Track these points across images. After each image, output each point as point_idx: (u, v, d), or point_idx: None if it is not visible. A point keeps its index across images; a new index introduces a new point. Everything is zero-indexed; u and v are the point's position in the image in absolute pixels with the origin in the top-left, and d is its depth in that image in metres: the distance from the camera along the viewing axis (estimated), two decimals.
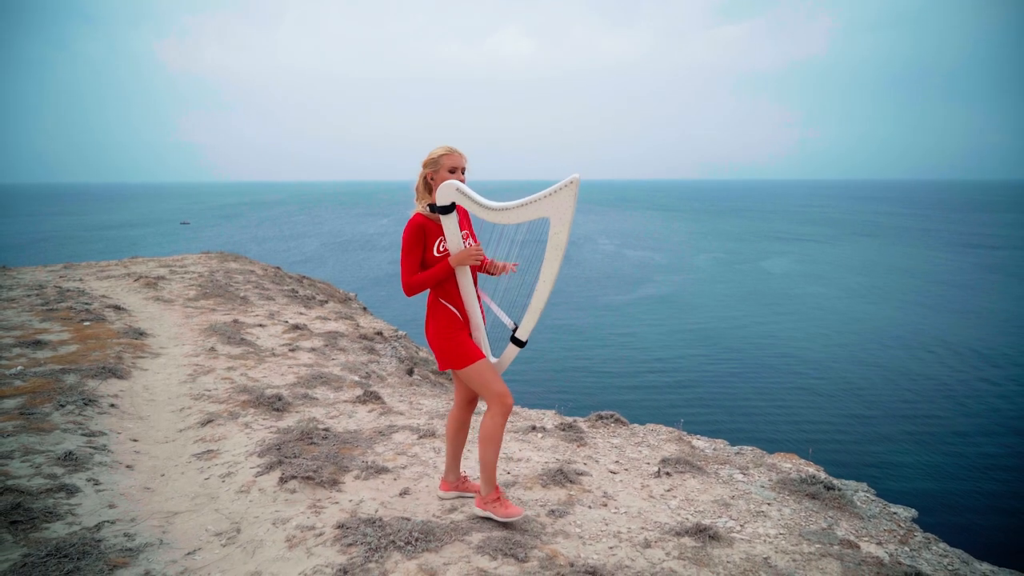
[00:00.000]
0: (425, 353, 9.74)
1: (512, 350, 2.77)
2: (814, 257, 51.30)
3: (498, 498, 2.70)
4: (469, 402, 2.87)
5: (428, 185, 2.62)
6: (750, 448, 4.27)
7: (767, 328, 26.50)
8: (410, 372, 6.47)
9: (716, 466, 3.73)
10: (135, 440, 3.70)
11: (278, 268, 12.98)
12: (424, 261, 2.61)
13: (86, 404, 4.03)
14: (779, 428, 15.60)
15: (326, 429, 3.83)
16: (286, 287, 10.46)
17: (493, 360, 2.78)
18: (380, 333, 7.54)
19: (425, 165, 2.61)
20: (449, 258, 2.57)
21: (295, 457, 3.36)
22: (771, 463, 3.92)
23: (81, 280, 9.68)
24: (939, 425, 15.56)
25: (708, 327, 26.72)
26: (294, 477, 3.06)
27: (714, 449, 4.17)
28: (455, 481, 3.00)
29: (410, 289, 2.57)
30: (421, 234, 2.57)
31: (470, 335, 2.69)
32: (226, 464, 3.36)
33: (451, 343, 2.60)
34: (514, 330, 2.74)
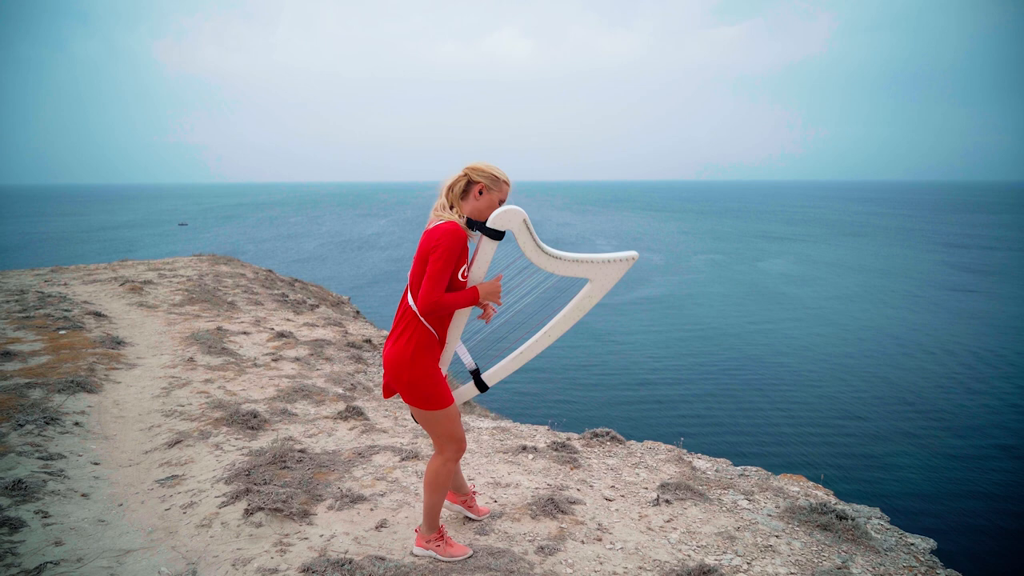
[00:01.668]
0: None
1: (469, 390, 2.53)
2: (813, 258, 51.10)
3: (441, 536, 2.49)
4: None
5: (467, 194, 2.28)
6: (754, 469, 4.03)
7: (766, 333, 26.22)
8: None
9: (719, 491, 3.49)
10: (96, 463, 3.45)
11: (270, 271, 12.72)
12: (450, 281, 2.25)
13: (47, 423, 3.78)
14: (781, 439, 15.26)
15: (302, 451, 3.58)
16: (276, 291, 10.21)
17: None
18: (369, 341, 7.29)
19: (480, 174, 2.26)
20: (479, 290, 2.26)
21: (265, 484, 3.11)
22: (777, 486, 3.68)
23: (65, 285, 9.43)
24: (951, 439, 15.21)
25: (704, 331, 26.46)
26: (261, 508, 2.81)
27: (716, 471, 3.93)
28: (463, 498, 2.82)
29: (436, 307, 2.16)
30: (463, 246, 2.21)
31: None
32: (190, 492, 3.11)
33: (431, 380, 2.28)
34: (476, 371, 2.49)
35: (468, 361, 2.48)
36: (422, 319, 2.26)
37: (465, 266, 2.27)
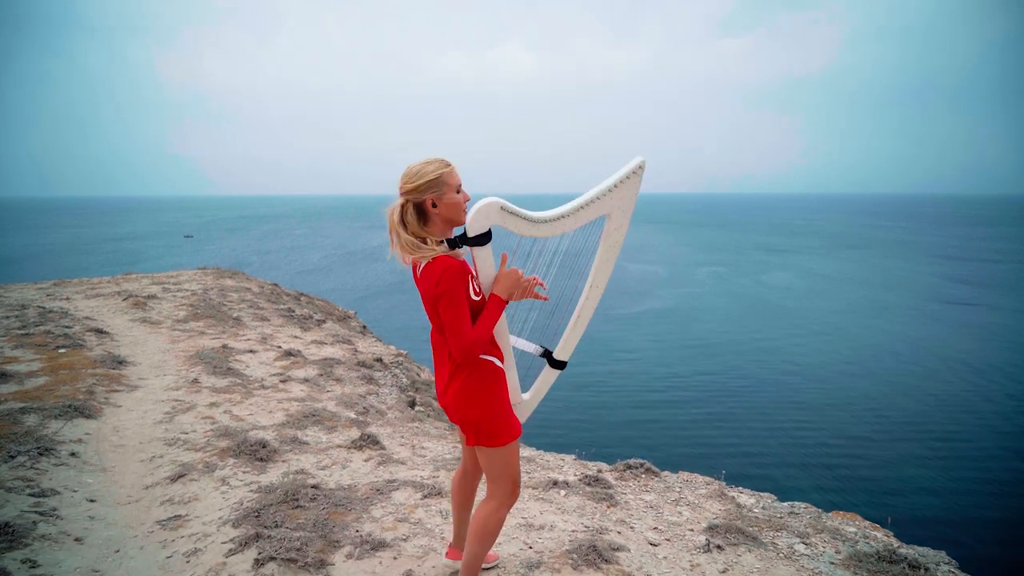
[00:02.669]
0: (428, 375, 9.20)
1: (549, 375, 2.31)
2: (822, 271, 50.69)
3: None
4: (480, 468, 2.34)
5: (424, 215, 1.98)
6: (803, 506, 3.72)
7: (773, 351, 25.70)
8: (412, 404, 5.94)
9: (771, 533, 3.18)
10: (92, 501, 3.17)
11: (275, 285, 12.49)
12: None
13: (41, 454, 3.51)
14: (816, 465, 14.71)
15: (315, 486, 3.29)
16: (282, 306, 9.96)
17: (525, 397, 2.30)
18: (380, 360, 7.02)
19: (417, 190, 1.94)
20: (499, 293, 2.00)
21: (277, 527, 2.83)
22: (832, 527, 3.37)
23: (68, 299, 9.19)
24: (1008, 467, 14.59)
25: (710, 347, 25.98)
26: (273, 558, 2.52)
27: (763, 508, 3.62)
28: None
29: (473, 347, 1.91)
30: (464, 276, 1.93)
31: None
32: (194, 536, 2.82)
33: (500, 416, 2.03)
34: (546, 353, 2.27)
35: (533, 348, 2.25)
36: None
37: (472, 283, 1.99)
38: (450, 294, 1.88)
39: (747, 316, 32.87)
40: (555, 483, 3.57)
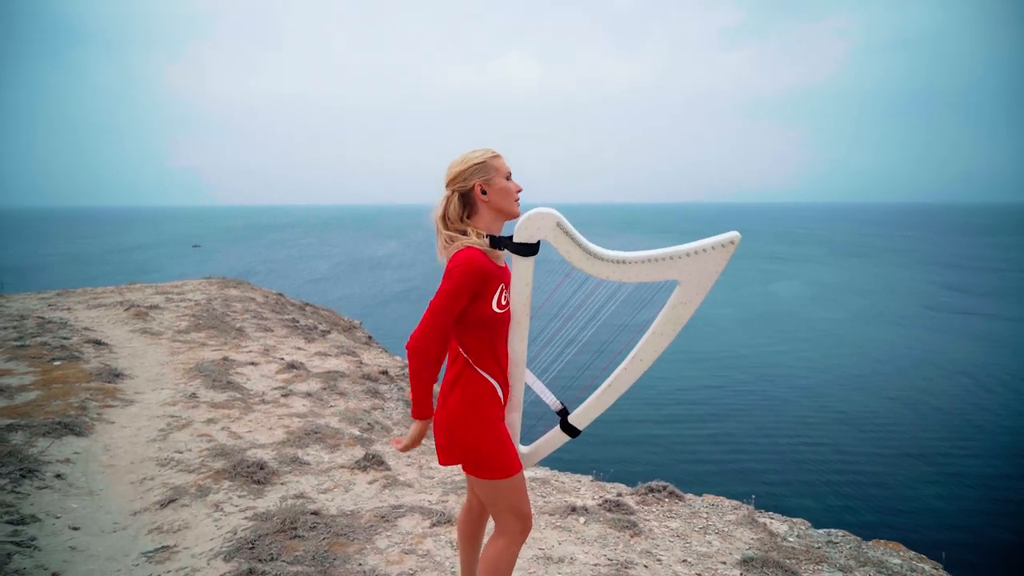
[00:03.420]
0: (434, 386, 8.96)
1: (556, 437, 1.96)
2: (830, 281, 50.19)
3: None
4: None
5: (472, 206, 1.78)
6: (841, 533, 3.45)
7: (782, 365, 25.17)
8: None
9: (811, 566, 2.92)
10: (75, 528, 2.94)
11: (280, 295, 12.31)
12: (470, 318, 1.74)
13: (24, 475, 3.29)
14: (844, 483, 14.16)
15: (315, 513, 3.05)
16: (286, 316, 9.76)
17: (524, 450, 1.98)
18: (385, 372, 6.78)
19: (462, 176, 1.75)
20: (419, 424, 1.76)
21: (272, 560, 2.59)
22: (876, 558, 3.10)
23: (69, 309, 9.04)
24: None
25: (719, 359, 25.56)
26: None
27: (798, 536, 3.34)
28: None
29: (420, 352, 1.66)
30: (481, 279, 1.68)
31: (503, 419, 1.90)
32: (182, 571, 2.58)
33: (494, 444, 1.76)
34: (563, 412, 1.94)
35: (551, 400, 1.93)
36: (473, 364, 1.77)
37: (500, 292, 1.75)
38: (452, 288, 1.65)
39: (755, 326, 32.44)
40: (573, 509, 3.31)
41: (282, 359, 6.62)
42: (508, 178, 1.80)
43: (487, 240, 1.75)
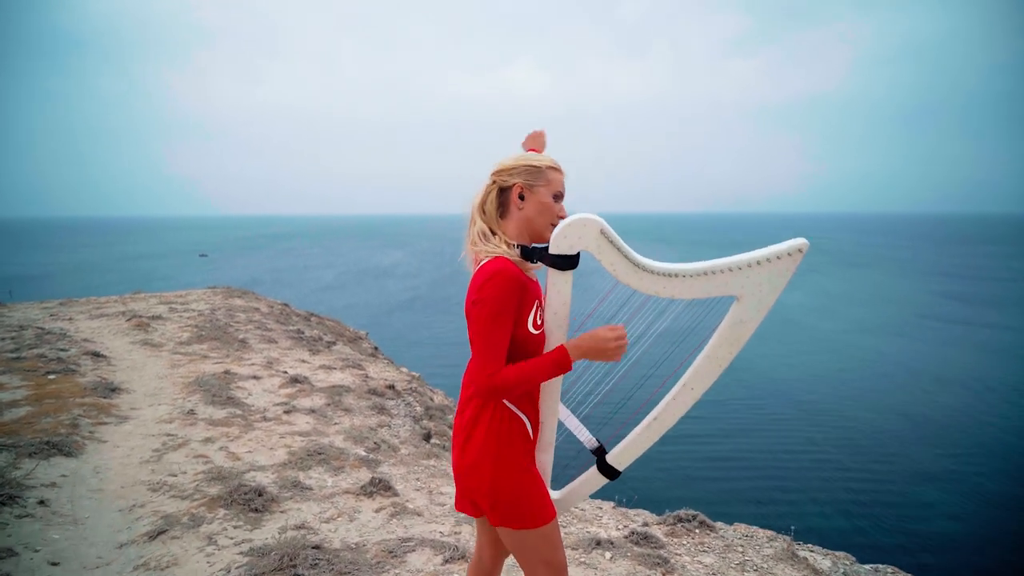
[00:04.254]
0: (442, 398, 8.69)
1: (593, 479, 1.71)
2: (834, 291, 49.66)
3: None
4: (501, 552, 1.78)
5: (505, 207, 1.57)
6: (890, 569, 3.16)
7: (795, 380, 24.66)
8: (427, 437, 5.43)
9: None
10: (55, 564, 2.69)
11: (285, 305, 12.11)
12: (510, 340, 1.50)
13: (4, 503, 3.05)
14: (876, 504, 13.59)
15: (317, 547, 2.79)
16: (291, 327, 9.54)
17: (556, 495, 1.74)
18: (392, 386, 6.53)
19: (508, 172, 1.55)
20: (571, 351, 1.48)
21: None
22: None
23: (70, 319, 8.85)
24: None
25: (739, 372, 25.08)
26: None
27: (844, 574, 3.06)
28: None
29: (498, 390, 1.44)
30: (519, 290, 1.46)
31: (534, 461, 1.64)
32: None
33: (526, 489, 1.51)
34: (599, 450, 1.69)
35: (587, 438, 1.68)
36: (504, 401, 1.53)
37: (536, 310, 1.52)
38: (492, 303, 1.41)
39: (758, 338, 31.92)
40: (598, 542, 3.03)
41: (285, 372, 6.38)
42: (558, 199, 1.57)
43: (519, 250, 1.51)
